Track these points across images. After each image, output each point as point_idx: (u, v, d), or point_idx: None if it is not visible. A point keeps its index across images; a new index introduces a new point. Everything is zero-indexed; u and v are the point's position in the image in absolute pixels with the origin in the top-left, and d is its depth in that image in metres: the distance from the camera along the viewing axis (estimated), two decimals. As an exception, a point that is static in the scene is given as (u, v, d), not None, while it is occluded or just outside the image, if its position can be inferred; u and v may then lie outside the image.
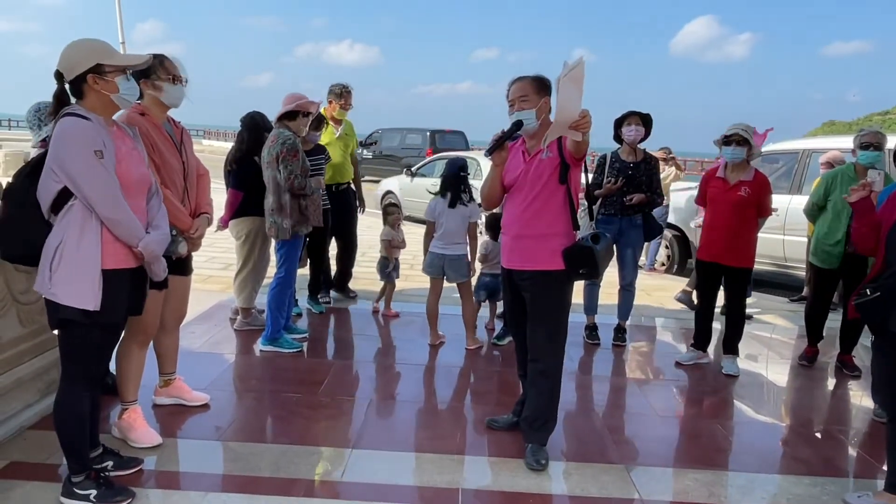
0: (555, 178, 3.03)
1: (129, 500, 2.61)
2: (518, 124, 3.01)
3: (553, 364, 3.15)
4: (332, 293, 5.94)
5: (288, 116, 4.43)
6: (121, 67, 2.46)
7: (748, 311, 5.41)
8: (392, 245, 5.53)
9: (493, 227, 4.83)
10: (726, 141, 4.36)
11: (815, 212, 4.77)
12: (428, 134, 19.42)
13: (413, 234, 10.05)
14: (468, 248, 4.80)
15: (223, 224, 4.83)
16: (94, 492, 2.57)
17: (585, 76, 2.67)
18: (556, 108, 2.77)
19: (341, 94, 5.53)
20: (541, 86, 3.06)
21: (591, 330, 5.18)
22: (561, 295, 3.14)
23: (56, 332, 2.55)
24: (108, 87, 2.44)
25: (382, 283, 5.68)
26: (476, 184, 4.80)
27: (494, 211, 3.92)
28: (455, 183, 4.70)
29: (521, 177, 3.10)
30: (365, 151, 19.85)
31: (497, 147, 3.03)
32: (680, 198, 8.29)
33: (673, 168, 8.56)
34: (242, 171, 4.66)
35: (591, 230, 3.23)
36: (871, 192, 3.06)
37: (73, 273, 2.38)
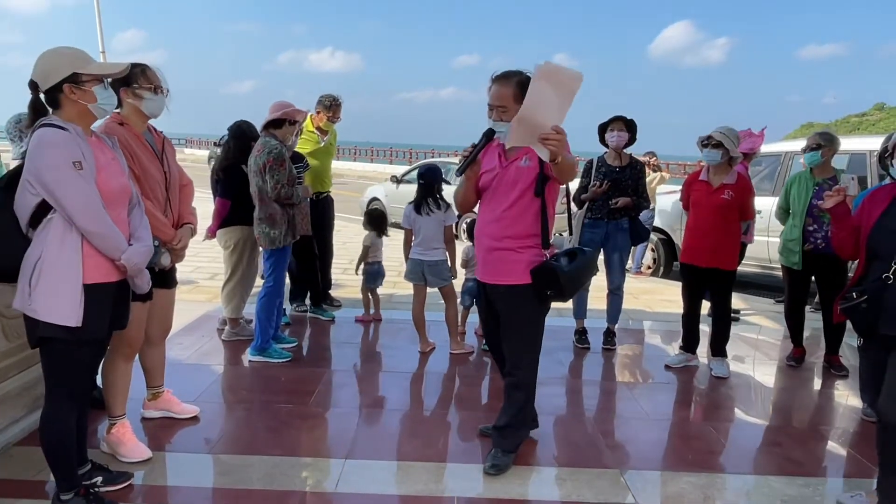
0: (531, 190, 2.91)
1: (119, 517, 2.57)
2: (489, 135, 2.92)
3: (527, 376, 3.13)
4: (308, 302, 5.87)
5: (274, 125, 4.40)
6: (98, 76, 2.41)
7: (735, 312, 5.45)
8: (375, 251, 5.54)
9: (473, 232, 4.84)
10: (704, 143, 4.42)
11: (781, 214, 4.94)
12: None
13: (399, 242, 10.04)
14: (447, 252, 4.79)
15: (211, 234, 4.79)
16: (83, 509, 2.52)
17: (576, 94, 2.58)
18: (525, 101, 2.59)
19: (331, 106, 5.50)
20: (521, 93, 2.82)
21: (581, 334, 5.19)
22: (533, 310, 3.05)
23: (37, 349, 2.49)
24: (86, 97, 2.39)
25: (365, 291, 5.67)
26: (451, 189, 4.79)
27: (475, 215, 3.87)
28: (422, 191, 4.71)
29: (494, 181, 2.99)
30: (219, 151, 22.47)
31: (468, 163, 2.94)
32: (666, 201, 8.34)
33: (658, 173, 8.62)
34: (229, 180, 4.63)
35: (570, 246, 3.09)
36: (845, 196, 3.07)
37: (53, 288, 2.32)
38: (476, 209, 3.22)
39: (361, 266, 5.56)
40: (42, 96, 2.39)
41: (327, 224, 5.78)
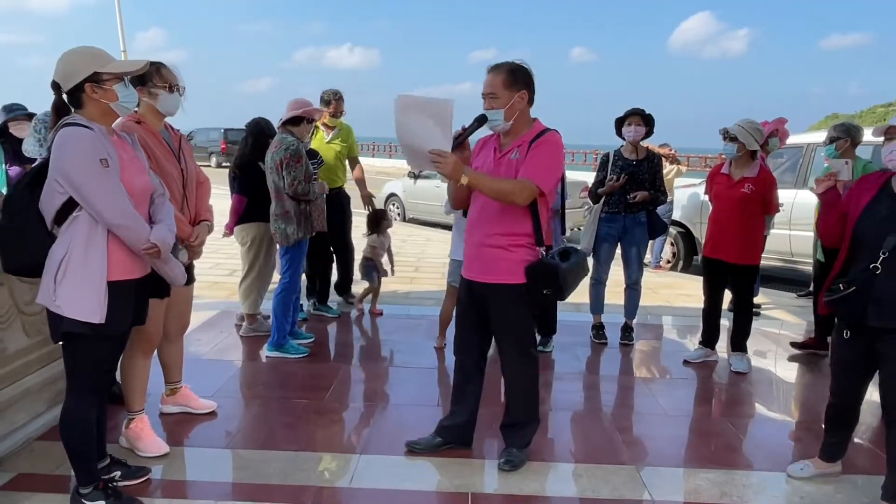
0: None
1: (137, 510, 2.60)
2: (481, 119, 2.86)
3: (528, 377, 3.10)
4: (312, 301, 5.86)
5: (292, 122, 4.42)
6: (118, 75, 2.42)
7: (756, 307, 5.38)
8: (377, 250, 5.56)
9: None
10: (723, 136, 4.39)
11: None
12: (223, 131, 27.09)
13: (418, 237, 10.11)
14: None
15: (228, 230, 4.83)
16: (102, 502, 2.55)
17: (452, 119, 2.68)
18: (396, 135, 2.77)
19: (330, 101, 5.51)
20: (513, 80, 2.84)
21: (598, 329, 5.15)
22: (524, 308, 3.00)
23: (60, 343, 2.53)
24: (107, 96, 2.41)
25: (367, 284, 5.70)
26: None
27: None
28: None
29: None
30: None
31: (457, 144, 2.83)
32: (684, 194, 8.26)
33: (675, 166, 8.53)
34: (247, 176, 4.66)
35: (564, 244, 3.08)
36: (835, 181, 2.98)
37: (78, 285, 2.35)
38: None
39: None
40: (65, 96, 2.42)
41: (343, 219, 5.78)
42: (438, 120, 2.66)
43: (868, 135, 4.05)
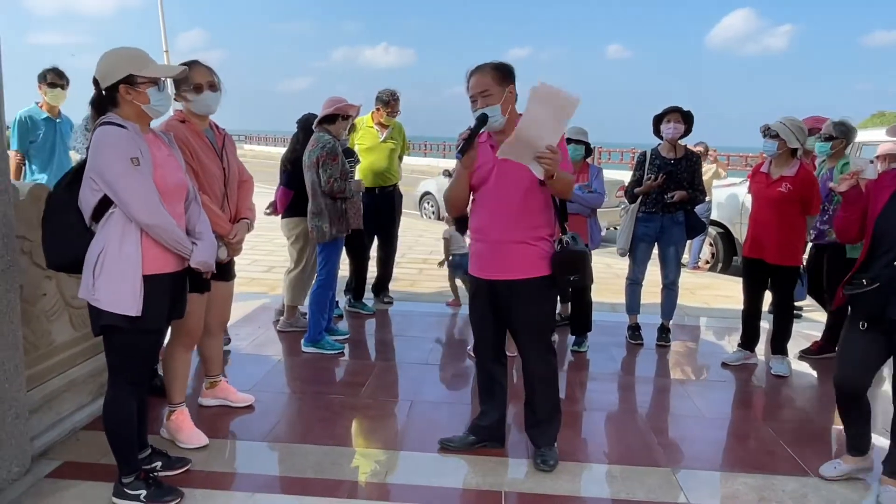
0: (535, 181, 2.80)
1: (177, 500, 2.66)
2: (483, 118, 2.81)
3: (553, 369, 3.10)
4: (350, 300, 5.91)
5: (327, 120, 4.47)
6: (152, 79, 2.48)
7: (797, 309, 5.27)
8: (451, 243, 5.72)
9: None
10: (763, 133, 4.31)
11: None
12: None
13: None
14: None
15: (275, 211, 4.93)
16: (143, 492, 2.62)
17: (571, 117, 2.65)
18: (523, 119, 2.64)
19: (388, 101, 5.55)
20: (503, 76, 2.83)
21: (634, 330, 5.10)
22: (548, 300, 3.04)
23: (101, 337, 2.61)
24: (140, 98, 2.47)
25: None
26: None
27: None
28: None
29: (493, 175, 2.89)
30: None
31: (468, 145, 2.79)
32: (723, 194, 8.11)
33: (714, 166, 8.39)
34: (296, 171, 4.69)
35: (568, 234, 2.98)
36: (857, 180, 3.00)
37: (114, 279, 2.42)
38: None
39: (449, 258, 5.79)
40: (103, 93, 2.49)
41: (392, 218, 5.82)
42: (561, 114, 2.63)
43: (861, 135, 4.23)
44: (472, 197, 3.05)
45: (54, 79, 4.96)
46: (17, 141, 4.90)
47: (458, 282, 5.85)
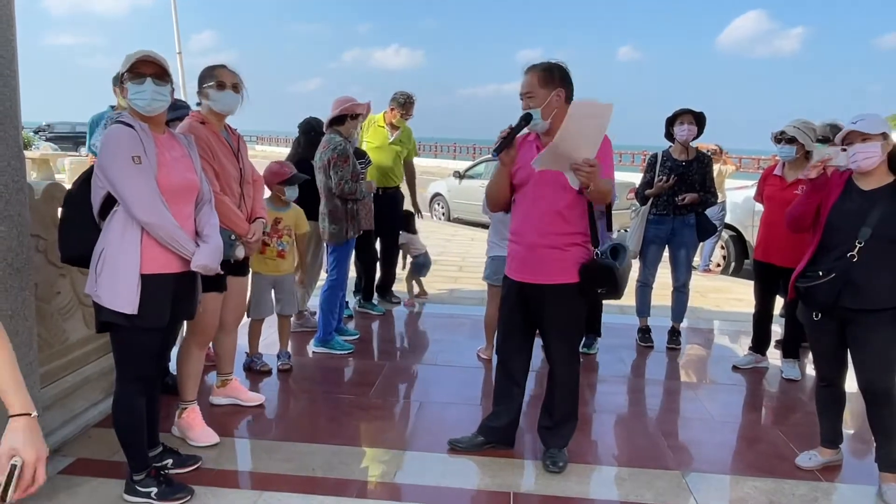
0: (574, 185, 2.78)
1: (188, 498, 2.68)
2: (527, 118, 2.82)
3: (576, 372, 3.11)
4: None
5: (337, 121, 4.49)
6: (130, 74, 2.47)
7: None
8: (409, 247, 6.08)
9: None
10: (777, 139, 4.27)
11: None
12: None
13: (462, 236, 10.12)
14: None
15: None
16: (154, 489, 2.64)
17: (608, 125, 2.65)
18: (559, 135, 2.62)
19: (404, 103, 5.56)
20: (548, 78, 2.82)
21: (644, 332, 5.08)
22: (579, 307, 3.04)
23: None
24: (124, 94, 2.53)
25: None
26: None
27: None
28: None
29: (535, 176, 2.88)
30: (37, 136, 25.83)
31: (506, 144, 2.80)
32: (737, 196, 8.08)
33: (728, 166, 8.35)
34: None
35: (611, 241, 3.00)
36: (825, 167, 3.01)
37: (113, 276, 2.44)
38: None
39: (408, 259, 6.03)
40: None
41: (394, 219, 5.83)
42: (599, 123, 2.64)
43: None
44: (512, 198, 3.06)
45: None
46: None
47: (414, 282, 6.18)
